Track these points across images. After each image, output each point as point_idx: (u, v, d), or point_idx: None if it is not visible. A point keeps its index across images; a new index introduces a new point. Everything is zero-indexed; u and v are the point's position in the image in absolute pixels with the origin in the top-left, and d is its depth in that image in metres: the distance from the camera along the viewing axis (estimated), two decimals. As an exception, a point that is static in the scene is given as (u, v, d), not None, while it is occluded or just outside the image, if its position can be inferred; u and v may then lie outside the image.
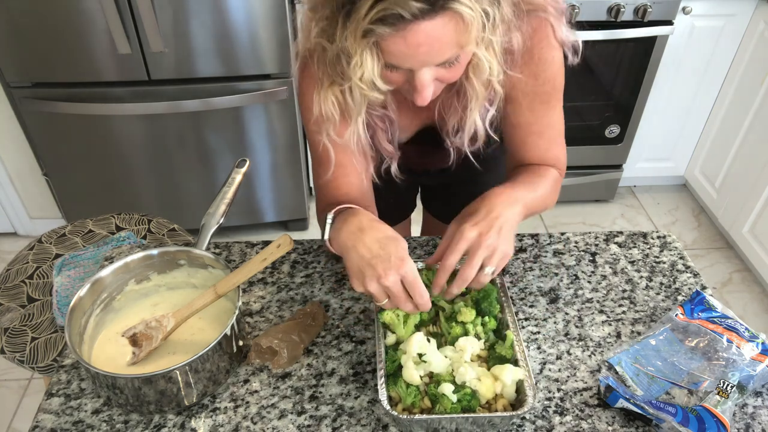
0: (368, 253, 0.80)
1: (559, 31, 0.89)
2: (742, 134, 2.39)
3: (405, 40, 0.70)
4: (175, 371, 0.80)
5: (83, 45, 1.92)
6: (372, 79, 0.74)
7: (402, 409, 0.82)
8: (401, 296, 0.80)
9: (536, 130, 0.98)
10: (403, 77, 0.78)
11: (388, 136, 0.97)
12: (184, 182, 2.32)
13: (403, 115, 0.99)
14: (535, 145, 1.00)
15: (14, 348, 1.30)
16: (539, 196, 0.96)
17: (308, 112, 0.92)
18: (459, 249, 0.83)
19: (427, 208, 1.53)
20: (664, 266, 1.12)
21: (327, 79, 0.84)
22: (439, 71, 0.77)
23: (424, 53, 0.72)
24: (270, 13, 1.94)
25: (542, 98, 0.94)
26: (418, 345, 0.84)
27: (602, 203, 2.83)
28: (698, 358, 0.92)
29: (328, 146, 0.93)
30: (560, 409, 0.88)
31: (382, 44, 0.71)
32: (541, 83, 0.92)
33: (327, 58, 0.80)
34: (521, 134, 0.99)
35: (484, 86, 0.85)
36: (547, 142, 1.00)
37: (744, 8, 2.28)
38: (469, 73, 0.83)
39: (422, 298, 0.81)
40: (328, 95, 0.85)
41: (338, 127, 0.90)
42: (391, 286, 0.79)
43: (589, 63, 2.41)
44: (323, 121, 0.89)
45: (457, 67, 0.79)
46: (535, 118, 0.96)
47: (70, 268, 1.43)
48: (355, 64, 0.73)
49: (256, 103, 2.12)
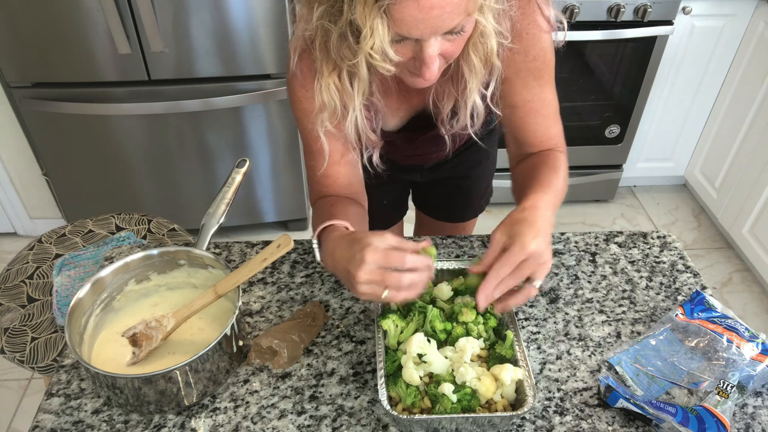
0: (342, 265, 0.82)
1: (545, 9, 0.90)
2: (742, 134, 2.39)
3: (418, 3, 0.70)
4: (175, 371, 0.80)
5: (83, 45, 1.92)
6: (384, 48, 0.73)
7: (402, 409, 0.82)
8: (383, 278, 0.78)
9: (534, 107, 0.98)
10: (409, 52, 0.77)
11: (372, 124, 0.97)
12: (184, 182, 2.32)
13: (389, 104, 0.99)
14: (535, 124, 1.00)
15: (14, 348, 1.30)
16: (560, 192, 0.95)
17: (307, 102, 0.92)
18: (517, 260, 0.81)
19: (420, 207, 1.54)
20: (664, 266, 1.12)
21: (327, 67, 0.83)
22: (444, 44, 0.77)
23: (436, 17, 0.71)
24: (270, 13, 1.94)
25: (534, 74, 0.94)
26: (418, 345, 0.84)
27: (602, 203, 2.83)
28: (698, 358, 0.92)
29: (323, 138, 0.93)
30: (560, 409, 0.88)
31: (393, 11, 0.71)
32: (532, 58, 0.92)
33: (330, 40, 0.79)
34: (520, 114, 0.99)
35: (482, 62, 0.85)
36: (545, 119, 1.00)
37: (744, 8, 2.28)
38: (468, 51, 0.83)
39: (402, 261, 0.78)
40: (329, 83, 0.85)
41: (336, 118, 0.90)
42: (367, 277, 0.78)
43: (589, 63, 2.41)
44: (322, 111, 0.89)
45: (460, 39, 0.78)
46: (531, 95, 0.97)
47: (70, 268, 1.43)
48: (365, 34, 0.72)
49: (256, 103, 2.12)
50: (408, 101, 1.01)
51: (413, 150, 1.13)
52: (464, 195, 1.43)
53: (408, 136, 1.07)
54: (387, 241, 0.80)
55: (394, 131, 1.06)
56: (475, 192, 1.43)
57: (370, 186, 1.07)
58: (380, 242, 0.79)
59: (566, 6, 2.15)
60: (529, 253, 0.80)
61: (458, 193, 1.42)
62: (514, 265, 0.81)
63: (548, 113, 1.00)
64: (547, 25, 0.91)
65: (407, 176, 1.36)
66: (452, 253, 1.13)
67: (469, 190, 1.42)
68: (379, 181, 1.08)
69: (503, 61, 0.90)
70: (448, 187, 1.40)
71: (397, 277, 0.78)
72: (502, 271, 0.81)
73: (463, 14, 0.73)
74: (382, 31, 0.71)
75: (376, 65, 0.76)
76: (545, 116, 1.00)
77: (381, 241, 0.79)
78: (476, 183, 1.41)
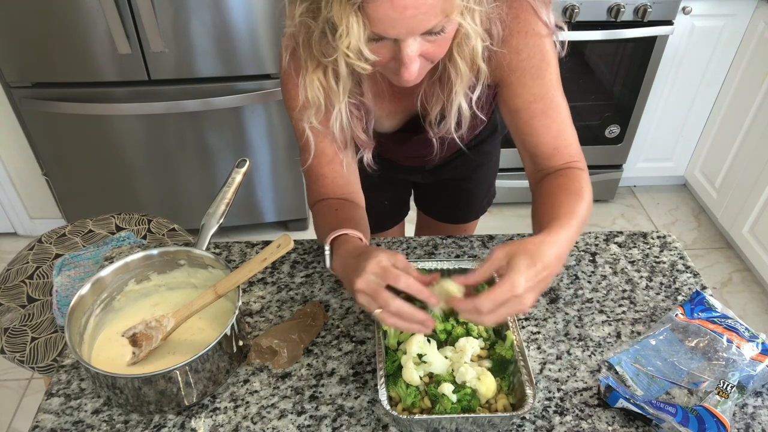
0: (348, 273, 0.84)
1: (541, 12, 0.88)
2: (742, 134, 2.39)
3: (392, 2, 0.69)
4: (175, 371, 0.80)
5: (83, 45, 1.92)
6: (359, 47, 0.73)
7: (402, 409, 0.82)
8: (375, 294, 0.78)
9: (538, 109, 0.94)
10: (388, 52, 0.77)
11: (363, 125, 0.96)
12: (184, 182, 2.32)
13: (382, 106, 0.99)
14: (543, 127, 0.95)
15: (14, 348, 1.30)
16: (583, 220, 0.91)
17: (293, 100, 0.92)
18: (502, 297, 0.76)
19: (421, 209, 1.53)
20: (664, 266, 1.12)
21: (312, 63, 0.84)
22: (424, 45, 0.76)
23: (411, 17, 0.71)
24: (270, 13, 1.94)
25: (532, 74, 0.91)
26: (418, 345, 0.84)
27: (602, 203, 2.83)
28: (698, 358, 0.92)
29: (309, 134, 0.94)
30: (560, 409, 0.88)
31: (368, 9, 0.70)
32: (526, 58, 0.90)
33: (312, 37, 0.79)
34: (524, 118, 0.95)
35: (468, 66, 0.84)
36: (553, 123, 0.95)
37: (744, 8, 2.28)
38: (454, 53, 0.82)
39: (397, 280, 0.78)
40: (314, 79, 0.85)
41: (322, 114, 0.90)
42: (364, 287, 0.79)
43: (589, 63, 2.41)
44: (307, 108, 0.89)
45: (443, 41, 0.78)
46: (533, 96, 0.93)
47: (70, 268, 1.43)
48: (341, 33, 0.72)
49: (256, 103, 2.12)
50: (400, 104, 1.00)
51: (406, 152, 1.13)
52: (466, 196, 1.43)
53: (400, 137, 1.07)
54: (394, 259, 0.80)
55: (388, 132, 1.06)
56: (477, 193, 1.43)
57: (371, 186, 1.07)
58: (386, 259, 0.79)
59: (566, 6, 2.15)
60: (516, 294, 0.76)
61: (460, 194, 1.42)
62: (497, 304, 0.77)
63: (556, 117, 0.94)
64: (545, 28, 0.89)
65: (408, 177, 1.36)
66: (452, 253, 1.13)
67: (470, 192, 1.42)
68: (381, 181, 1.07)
69: (496, 63, 0.89)
70: (449, 189, 1.40)
71: (386, 298, 0.78)
72: (484, 307, 0.77)
73: (440, 15, 0.73)
74: (357, 30, 0.71)
75: (352, 64, 0.76)
76: (552, 119, 0.94)
77: (387, 259, 0.79)
78: (478, 184, 1.40)
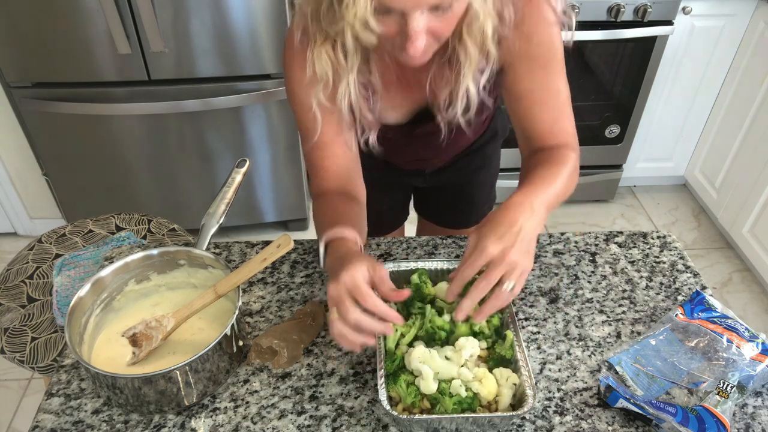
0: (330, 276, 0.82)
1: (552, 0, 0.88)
2: (742, 134, 2.39)
3: None
4: (175, 371, 0.80)
5: (83, 45, 1.92)
6: (365, 18, 0.72)
7: (402, 409, 0.82)
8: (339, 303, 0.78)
9: (539, 98, 0.95)
10: (395, 26, 0.76)
11: (369, 105, 0.95)
12: (184, 182, 2.32)
13: (390, 95, 0.98)
14: (541, 113, 0.96)
15: (14, 348, 1.30)
16: (559, 190, 0.91)
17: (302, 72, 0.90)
18: (478, 264, 0.78)
19: (422, 213, 1.52)
20: (664, 266, 1.12)
21: (320, 36, 0.83)
22: (431, 21, 0.76)
23: None
24: (270, 13, 1.94)
25: (540, 62, 0.92)
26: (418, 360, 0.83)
27: (602, 203, 2.83)
28: (698, 358, 0.92)
29: (317, 111, 0.92)
30: (560, 409, 0.88)
31: None
32: (536, 45, 0.90)
33: (320, 8, 0.78)
34: (525, 105, 0.96)
35: (477, 48, 0.84)
36: (552, 111, 0.96)
37: (744, 8, 2.28)
38: (463, 34, 0.82)
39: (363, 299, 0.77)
40: (321, 52, 0.84)
41: (329, 90, 0.89)
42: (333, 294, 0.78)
43: (589, 63, 2.41)
44: (315, 83, 0.88)
45: (450, 18, 0.77)
46: (537, 85, 0.94)
47: (70, 268, 1.43)
48: (347, 2, 0.71)
49: (256, 103, 2.12)
50: (409, 94, 1.00)
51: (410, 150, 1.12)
52: (467, 200, 1.41)
53: (406, 129, 1.06)
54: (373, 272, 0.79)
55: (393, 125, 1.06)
56: (478, 197, 1.42)
57: (371, 190, 1.06)
58: (361, 274, 0.78)
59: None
60: (491, 257, 0.77)
61: (460, 198, 1.41)
62: (478, 267, 0.78)
63: (555, 105, 0.96)
64: (554, 16, 0.89)
65: (409, 181, 1.35)
66: (452, 253, 1.13)
67: (471, 196, 1.40)
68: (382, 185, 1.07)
69: (505, 47, 0.88)
70: (450, 193, 1.39)
71: (346, 309, 0.77)
72: (466, 273, 0.79)
73: None
74: (364, 1, 0.71)
75: (358, 35, 0.75)
76: (552, 108, 0.96)
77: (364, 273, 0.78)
78: (479, 188, 1.39)
